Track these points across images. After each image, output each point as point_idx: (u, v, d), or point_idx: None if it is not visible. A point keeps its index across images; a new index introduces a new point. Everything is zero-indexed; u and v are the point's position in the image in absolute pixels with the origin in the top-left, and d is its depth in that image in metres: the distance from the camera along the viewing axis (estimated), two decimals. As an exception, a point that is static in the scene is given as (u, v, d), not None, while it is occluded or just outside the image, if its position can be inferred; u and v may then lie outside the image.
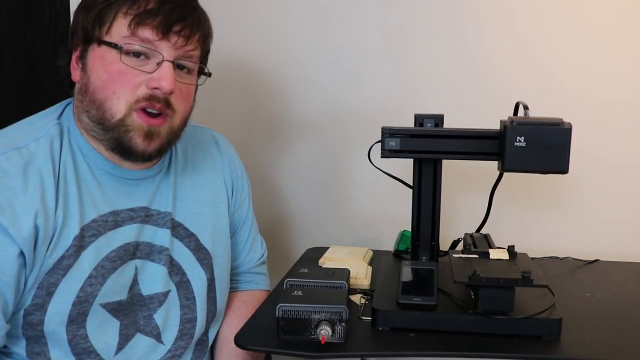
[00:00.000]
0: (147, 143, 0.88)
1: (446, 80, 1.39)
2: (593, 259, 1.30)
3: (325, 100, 1.45)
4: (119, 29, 0.86)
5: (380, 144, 1.02)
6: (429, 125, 1.06)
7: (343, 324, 0.86)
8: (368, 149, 1.11)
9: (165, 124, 0.90)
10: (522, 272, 0.88)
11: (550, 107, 1.30)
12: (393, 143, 1.02)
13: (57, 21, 1.48)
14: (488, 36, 1.36)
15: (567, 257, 1.31)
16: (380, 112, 1.42)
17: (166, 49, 0.88)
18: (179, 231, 0.99)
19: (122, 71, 0.86)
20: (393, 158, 1.03)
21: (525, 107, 0.96)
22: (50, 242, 0.85)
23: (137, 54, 0.87)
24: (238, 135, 1.21)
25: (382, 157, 1.03)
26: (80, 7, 0.91)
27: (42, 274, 0.84)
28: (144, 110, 0.87)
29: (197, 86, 0.97)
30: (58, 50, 0.95)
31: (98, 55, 0.87)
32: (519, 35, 1.34)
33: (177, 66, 0.90)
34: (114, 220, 0.91)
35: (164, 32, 0.87)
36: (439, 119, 1.06)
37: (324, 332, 0.84)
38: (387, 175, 1.17)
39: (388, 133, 1.02)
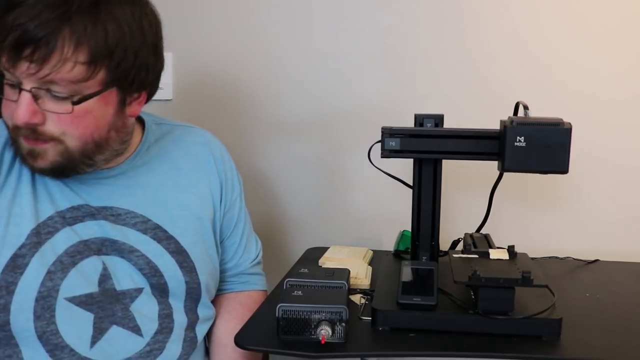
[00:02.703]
0: (33, 160, 0.86)
1: (446, 80, 1.39)
2: (593, 259, 1.30)
3: (325, 100, 1.45)
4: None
5: (380, 144, 1.02)
6: (429, 125, 1.06)
7: (343, 324, 0.86)
8: (368, 149, 1.11)
9: (47, 145, 0.84)
10: (522, 272, 0.88)
11: (550, 107, 1.30)
12: (393, 143, 1.01)
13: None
14: (488, 36, 1.36)
15: (567, 257, 1.31)
16: (380, 112, 1.42)
17: (22, 77, 0.79)
18: (158, 233, 0.97)
19: (2, 100, 0.84)
20: (393, 158, 1.03)
21: (525, 107, 0.96)
22: None
23: (9, 83, 0.81)
24: (237, 136, 1.21)
25: (382, 157, 1.03)
26: None
27: None
28: None
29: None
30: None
31: None
32: (519, 35, 1.34)
33: (50, 93, 0.81)
34: (73, 216, 0.91)
35: (14, 58, 0.77)
36: (439, 119, 1.06)
37: (324, 332, 0.84)
38: (387, 175, 1.17)
39: (388, 133, 1.02)
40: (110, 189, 0.95)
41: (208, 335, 1.07)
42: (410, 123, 1.08)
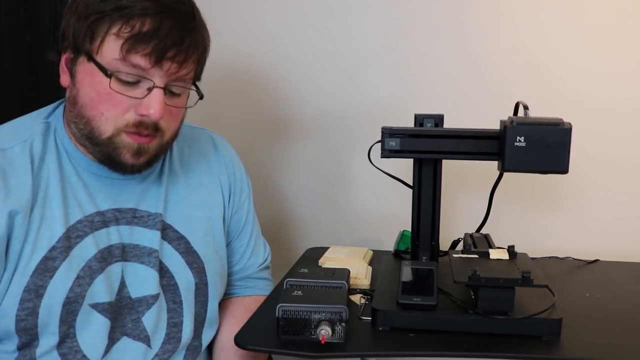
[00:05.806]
0: (136, 158, 0.89)
1: (446, 80, 1.39)
2: (593, 259, 1.30)
3: (325, 101, 1.45)
4: (111, 50, 0.83)
5: (380, 144, 1.02)
6: (429, 125, 1.06)
7: (343, 324, 0.86)
8: (368, 149, 1.11)
9: (154, 141, 0.90)
10: (522, 272, 0.88)
11: (550, 107, 1.29)
12: (393, 143, 1.01)
13: (57, 21, 1.47)
14: (488, 36, 1.35)
15: (567, 257, 1.31)
16: (380, 112, 1.42)
17: (157, 76, 0.85)
18: (169, 233, 0.97)
19: (110, 94, 0.84)
20: (393, 158, 1.03)
21: (525, 107, 0.96)
22: (25, 244, 0.84)
23: (127, 81, 0.85)
24: (238, 136, 1.22)
25: (382, 157, 1.03)
26: (71, 9, 0.86)
27: (26, 276, 0.84)
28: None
29: (187, 104, 0.95)
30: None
31: (88, 71, 0.85)
32: (519, 35, 1.34)
33: (169, 90, 0.88)
34: (101, 220, 0.91)
35: (157, 60, 0.84)
36: (439, 119, 1.06)
37: (324, 332, 0.84)
38: (387, 175, 1.17)
39: (388, 133, 1.02)
40: (131, 190, 0.95)
41: (212, 340, 1.07)
42: (410, 123, 1.08)
